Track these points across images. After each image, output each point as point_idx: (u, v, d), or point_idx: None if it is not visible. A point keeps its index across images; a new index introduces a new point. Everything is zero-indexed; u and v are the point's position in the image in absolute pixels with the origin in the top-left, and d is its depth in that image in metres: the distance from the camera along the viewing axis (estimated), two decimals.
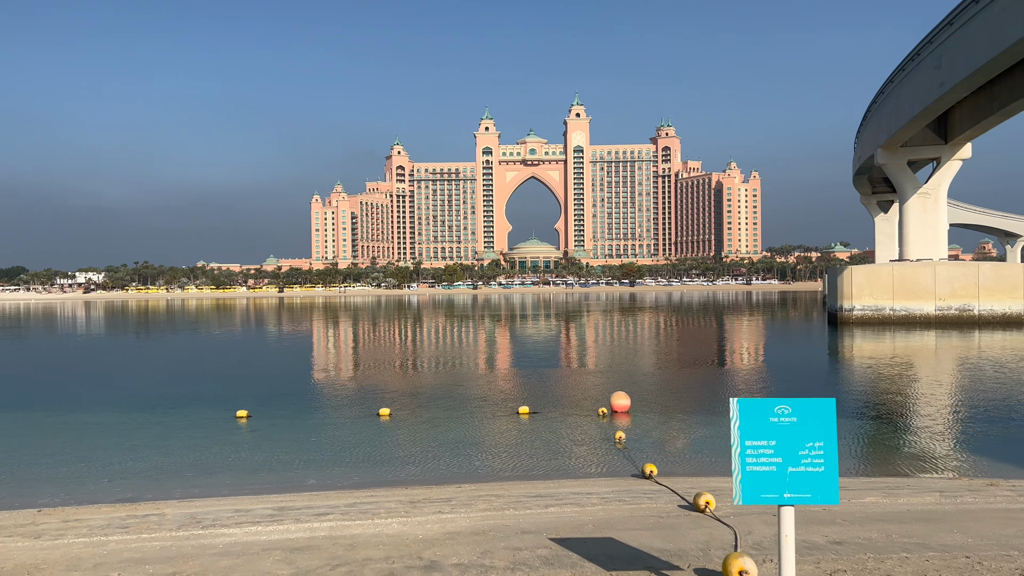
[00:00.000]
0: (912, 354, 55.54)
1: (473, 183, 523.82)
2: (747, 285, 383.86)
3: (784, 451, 8.61)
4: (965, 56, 62.67)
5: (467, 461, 23.52)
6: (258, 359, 61.57)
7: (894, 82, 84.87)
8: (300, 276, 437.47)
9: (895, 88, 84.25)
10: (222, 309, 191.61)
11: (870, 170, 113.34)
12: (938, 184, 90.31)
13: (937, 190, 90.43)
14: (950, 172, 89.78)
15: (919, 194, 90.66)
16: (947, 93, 68.09)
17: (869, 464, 22.71)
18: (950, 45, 66.04)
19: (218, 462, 23.91)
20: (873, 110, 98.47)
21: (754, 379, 42.32)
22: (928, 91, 72.35)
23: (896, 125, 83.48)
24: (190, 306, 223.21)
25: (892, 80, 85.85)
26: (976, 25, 59.89)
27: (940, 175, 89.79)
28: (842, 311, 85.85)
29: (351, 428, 29.13)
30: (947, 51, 66.87)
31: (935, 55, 69.95)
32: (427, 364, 53.67)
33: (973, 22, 60.48)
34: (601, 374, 45.25)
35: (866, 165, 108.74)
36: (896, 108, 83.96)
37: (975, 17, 59.95)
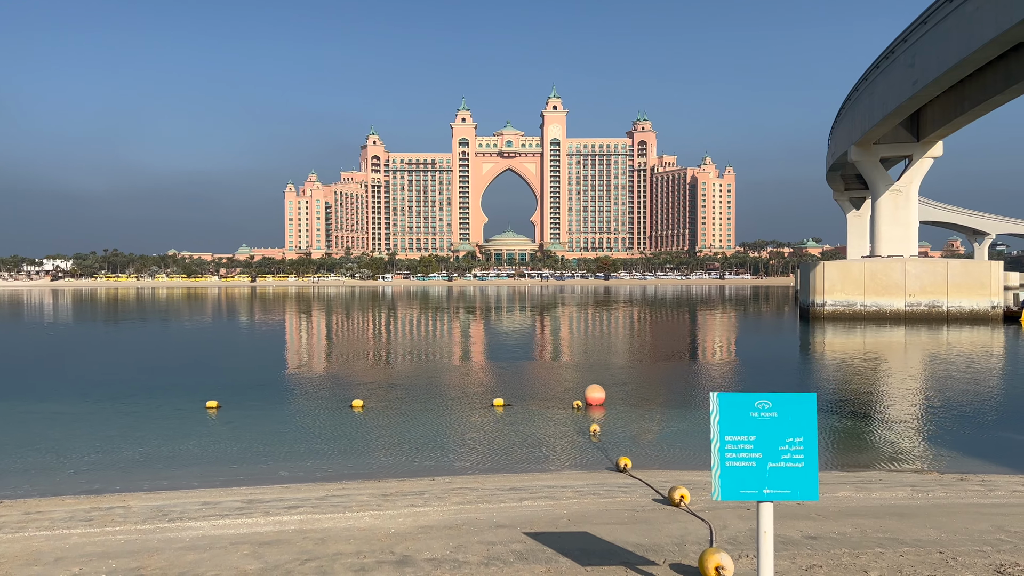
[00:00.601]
0: (882, 349, 56.19)
1: (449, 174, 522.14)
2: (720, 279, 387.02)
3: (764, 446, 8.51)
4: (938, 55, 63.34)
5: (441, 454, 23.32)
6: (229, 349, 60.89)
7: (868, 80, 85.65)
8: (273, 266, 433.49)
9: (869, 86, 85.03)
10: (193, 298, 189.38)
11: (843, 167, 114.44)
12: (910, 181, 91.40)
13: (909, 187, 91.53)
14: (921, 170, 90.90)
15: (891, 191, 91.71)
16: (920, 91, 68.82)
17: (842, 458, 22.85)
18: (924, 44, 66.72)
19: (187, 454, 23.48)
20: (847, 107, 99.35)
21: (728, 373, 42.53)
22: (902, 89, 73.08)
23: (870, 122, 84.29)
24: (160, 295, 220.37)
25: (866, 78, 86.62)
26: (949, 24, 60.53)
27: (912, 172, 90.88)
28: (814, 306, 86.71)
29: (323, 419, 28.80)
30: (921, 50, 67.55)
31: (909, 53, 70.65)
32: (401, 356, 53.36)
33: (946, 21, 61.12)
34: (576, 367, 45.20)
35: (839, 162, 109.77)
36: (870, 105, 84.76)
37: (948, 16, 60.58)
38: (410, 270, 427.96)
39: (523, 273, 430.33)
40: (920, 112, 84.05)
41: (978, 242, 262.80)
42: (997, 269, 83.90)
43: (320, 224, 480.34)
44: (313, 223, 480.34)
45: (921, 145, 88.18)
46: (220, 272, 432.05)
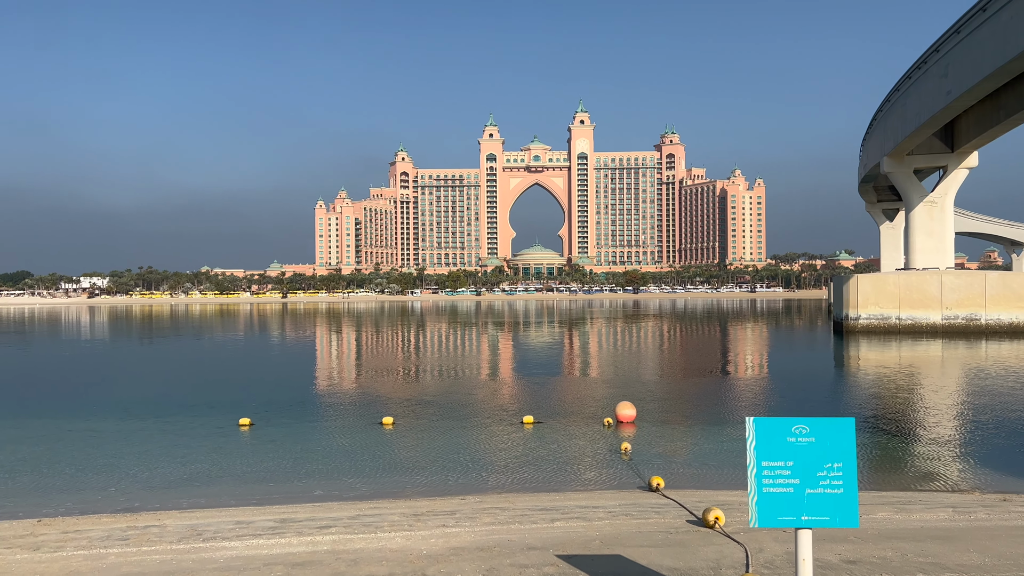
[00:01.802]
0: (919, 364, 55.17)
1: (477, 189, 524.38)
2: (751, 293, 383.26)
3: (802, 472, 8.36)
4: (972, 64, 62.43)
5: (471, 472, 23.25)
6: (261, 366, 61.42)
7: (900, 90, 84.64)
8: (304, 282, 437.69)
9: (901, 96, 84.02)
10: (225, 315, 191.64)
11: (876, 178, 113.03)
12: (944, 193, 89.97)
13: (943, 199, 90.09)
14: (956, 181, 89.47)
15: (925, 203, 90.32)
16: (954, 101, 67.83)
17: (879, 477, 22.40)
18: (957, 53, 65.82)
19: (220, 471, 23.67)
20: (879, 118, 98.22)
21: (761, 390, 42.02)
22: (935, 99, 72.09)
23: (902, 133, 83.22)
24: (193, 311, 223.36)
25: (898, 88, 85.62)
26: (983, 34, 59.67)
27: (946, 184, 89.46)
28: (848, 320, 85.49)
29: (354, 437, 28.89)
30: (954, 59, 66.64)
31: (942, 63, 69.72)
32: (430, 371, 53.42)
33: (980, 30, 60.27)
34: (605, 383, 44.93)
35: (872, 173, 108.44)
36: (902, 116, 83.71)
37: (983, 26, 59.74)
38: (439, 285, 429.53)
39: (551, 287, 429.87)
40: (954, 122, 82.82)
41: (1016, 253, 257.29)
42: None
43: (350, 240, 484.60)
44: (343, 239, 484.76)
45: (956, 155, 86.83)
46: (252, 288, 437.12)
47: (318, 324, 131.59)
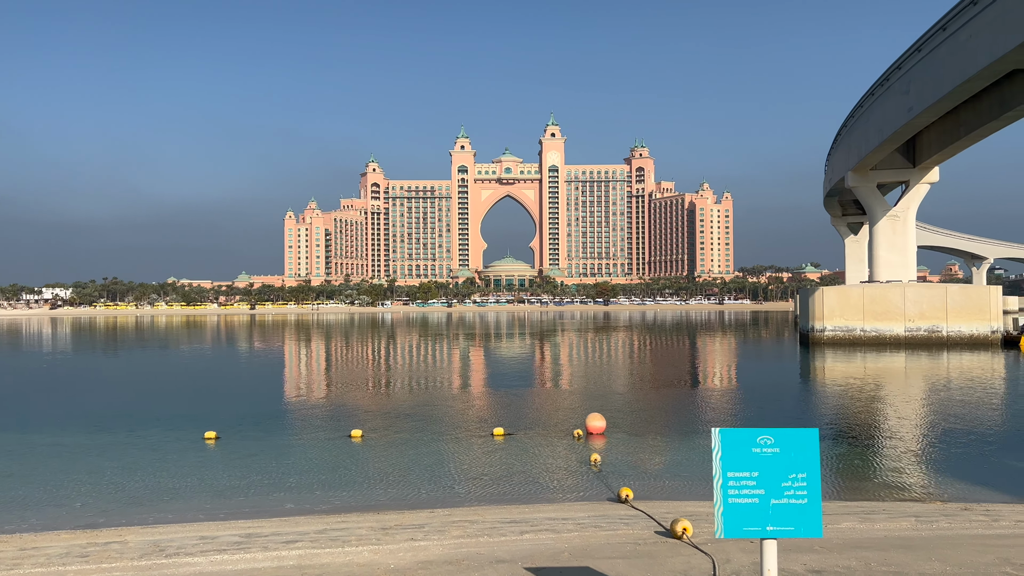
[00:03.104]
0: (883, 375, 56.03)
1: (448, 201, 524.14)
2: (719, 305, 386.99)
3: (767, 483, 8.43)
4: (932, 82, 63.90)
5: (441, 484, 23.13)
6: (228, 378, 60.71)
7: (864, 106, 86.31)
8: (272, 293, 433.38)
9: (865, 112, 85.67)
10: (192, 326, 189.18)
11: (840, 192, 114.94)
12: (907, 207, 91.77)
13: (906, 213, 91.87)
14: (918, 195, 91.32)
15: (888, 216, 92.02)
16: (915, 118, 69.31)
17: (844, 487, 22.67)
18: (918, 71, 67.34)
19: (184, 485, 23.28)
20: (843, 134, 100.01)
21: (729, 401, 42.37)
22: (897, 116, 73.61)
23: (866, 149, 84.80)
24: (159, 323, 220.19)
25: (862, 104, 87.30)
26: (944, 52, 61.13)
27: (909, 198, 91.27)
28: (814, 331, 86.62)
29: (322, 450, 28.60)
30: (915, 77, 68.16)
31: (904, 80, 71.27)
32: (400, 384, 53.19)
33: (941, 49, 61.74)
34: (576, 395, 45.04)
35: (836, 187, 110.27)
36: (866, 132, 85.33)
37: (943, 44, 61.20)
38: (410, 296, 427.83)
39: (522, 299, 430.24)
40: (916, 138, 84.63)
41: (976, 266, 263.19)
42: (996, 293, 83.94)
43: (320, 251, 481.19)
44: (313, 250, 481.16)
45: (918, 171, 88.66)
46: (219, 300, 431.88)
47: (287, 336, 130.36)
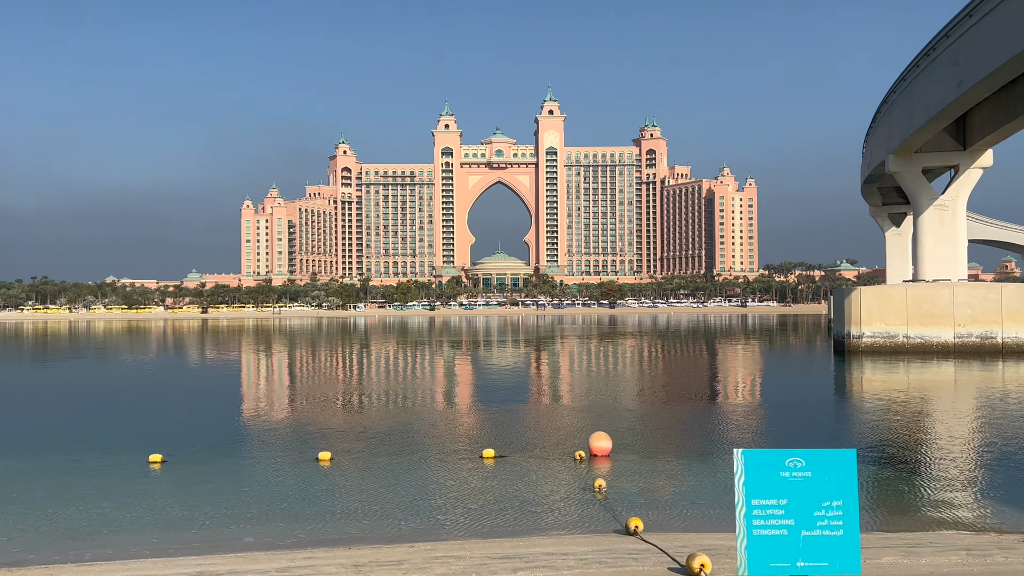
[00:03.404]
0: (929, 388, 56.27)
1: (431, 188, 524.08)
2: (742, 307, 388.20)
3: (797, 512, 8.45)
4: (986, 52, 64.13)
5: (422, 515, 23.11)
6: (176, 393, 60.53)
7: (907, 80, 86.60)
8: (228, 294, 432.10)
9: (908, 87, 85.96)
10: (135, 332, 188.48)
11: (880, 179, 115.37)
12: (956, 195, 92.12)
13: (955, 202, 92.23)
14: (969, 182, 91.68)
15: (935, 206, 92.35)
16: (965, 93, 69.51)
17: (885, 516, 22.75)
18: (969, 39, 67.57)
19: (127, 517, 23.18)
20: (883, 111, 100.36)
21: (752, 419, 42.46)
22: (944, 91, 73.86)
23: (909, 129, 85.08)
24: (97, 328, 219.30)
25: (904, 78, 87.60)
26: (999, 17, 61.34)
27: (958, 185, 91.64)
28: (850, 338, 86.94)
29: (285, 475, 28.54)
30: (966, 46, 68.41)
31: (952, 51, 71.52)
32: (375, 399, 53.15)
33: (995, 14, 61.94)
34: (578, 411, 45.05)
35: (876, 173, 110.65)
36: (909, 110, 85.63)
37: (997, 8, 61.40)
38: (386, 298, 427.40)
39: (516, 301, 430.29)
40: (967, 116, 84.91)
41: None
42: None
43: (282, 246, 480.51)
44: (274, 245, 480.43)
45: (968, 154, 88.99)
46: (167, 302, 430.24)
47: (244, 344, 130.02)
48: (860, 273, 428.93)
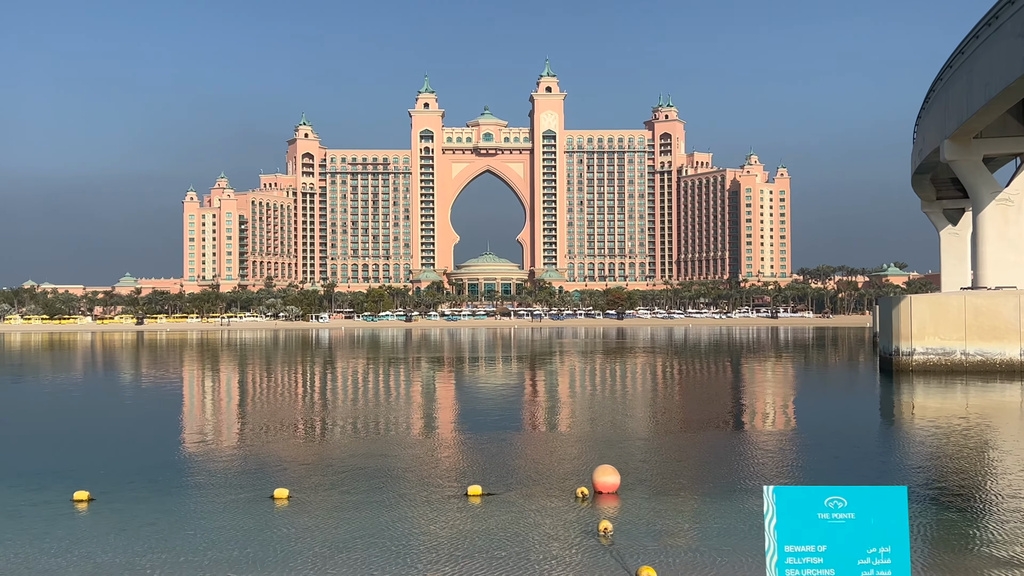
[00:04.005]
0: (992, 414, 56.37)
1: (407, 178, 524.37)
2: (773, 318, 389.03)
3: (838, 560, 8.38)
4: None
5: (396, 562, 23.06)
6: (105, 419, 60.44)
7: (965, 53, 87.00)
8: (167, 302, 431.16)
9: (967, 61, 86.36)
10: (57, 347, 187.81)
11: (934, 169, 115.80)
12: (1022, 188, 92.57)
13: (1021, 196, 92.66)
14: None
15: (998, 201, 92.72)
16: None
17: (941, 565, 22.75)
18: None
19: (43, 565, 23.10)
20: (938, 90, 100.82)
21: (784, 450, 42.48)
22: (1009, 66, 74.21)
23: (968, 110, 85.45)
24: (12, 342, 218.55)
25: (963, 51, 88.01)
26: None
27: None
28: (899, 355, 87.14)
29: (234, 515, 28.46)
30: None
31: (1018, 19, 71.91)
32: (341, 426, 53.10)
33: None
34: (580, 440, 45.09)
35: (929, 162, 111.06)
36: (968, 88, 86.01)
37: None
38: (354, 307, 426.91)
39: (508, 310, 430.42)
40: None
41: None
42: None
43: (232, 246, 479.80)
44: (222, 244, 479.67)
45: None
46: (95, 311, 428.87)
47: (186, 361, 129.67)
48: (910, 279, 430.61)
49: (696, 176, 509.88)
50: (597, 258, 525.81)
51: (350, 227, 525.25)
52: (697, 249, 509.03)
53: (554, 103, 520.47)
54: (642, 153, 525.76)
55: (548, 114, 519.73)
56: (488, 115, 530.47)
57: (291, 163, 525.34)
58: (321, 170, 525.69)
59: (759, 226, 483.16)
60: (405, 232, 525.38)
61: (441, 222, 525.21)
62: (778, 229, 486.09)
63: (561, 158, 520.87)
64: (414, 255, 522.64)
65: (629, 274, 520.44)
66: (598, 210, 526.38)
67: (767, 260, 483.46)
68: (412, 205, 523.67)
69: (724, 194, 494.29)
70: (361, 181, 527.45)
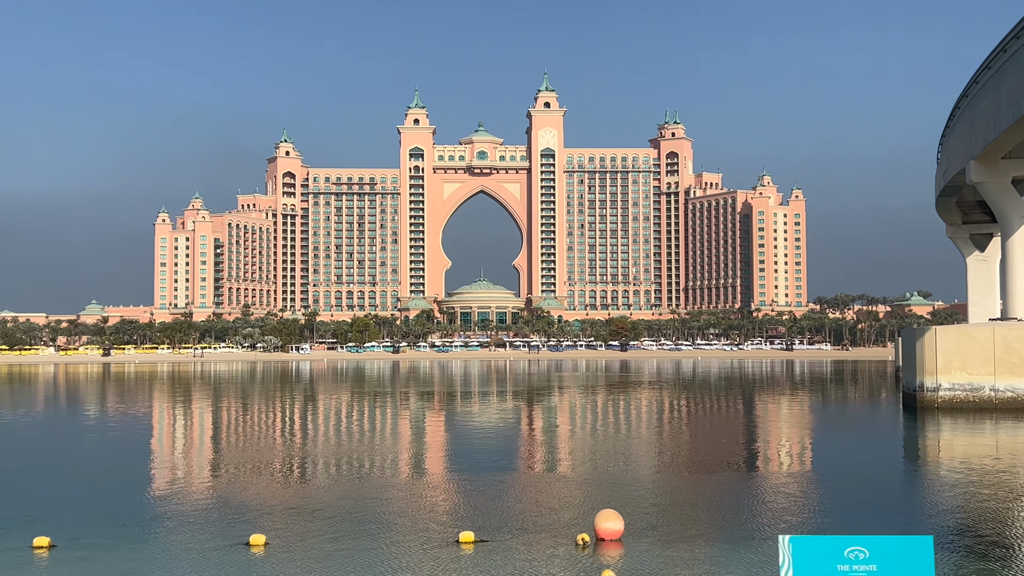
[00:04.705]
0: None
1: (395, 199, 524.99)
2: (788, 351, 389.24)
3: None
4: None
5: None
6: (68, 459, 60.17)
7: (992, 68, 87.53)
8: (137, 332, 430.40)
9: (994, 77, 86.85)
10: (17, 380, 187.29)
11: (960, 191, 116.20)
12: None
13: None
14: None
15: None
16: None
17: None
18: None
19: None
20: (963, 107, 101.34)
21: (800, 495, 42.38)
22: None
23: (996, 129, 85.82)
24: None
25: (989, 66, 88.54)
26: None
27: None
28: (923, 390, 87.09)
29: (207, 564, 28.33)
30: None
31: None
32: (322, 467, 53.03)
33: None
34: (581, 483, 45.04)
35: (954, 184, 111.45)
36: (996, 105, 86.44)
37: None
38: (338, 337, 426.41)
39: (503, 341, 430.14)
40: None
41: None
42: None
43: (206, 271, 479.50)
44: (196, 269, 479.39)
45: None
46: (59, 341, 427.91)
47: (157, 395, 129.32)
48: (935, 309, 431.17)
49: (705, 198, 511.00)
50: (599, 285, 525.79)
51: (334, 251, 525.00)
52: (706, 276, 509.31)
53: (553, 119, 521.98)
54: (647, 173, 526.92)
55: (546, 131, 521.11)
56: (482, 132, 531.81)
57: (271, 183, 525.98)
58: (303, 190, 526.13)
59: (773, 252, 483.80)
60: (393, 257, 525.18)
61: (431, 246, 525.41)
62: (793, 255, 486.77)
63: (560, 178, 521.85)
64: (402, 281, 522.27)
65: (633, 302, 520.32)
66: (600, 234, 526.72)
67: (781, 288, 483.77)
68: (400, 228, 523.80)
69: (735, 217, 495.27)
70: (346, 202, 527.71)
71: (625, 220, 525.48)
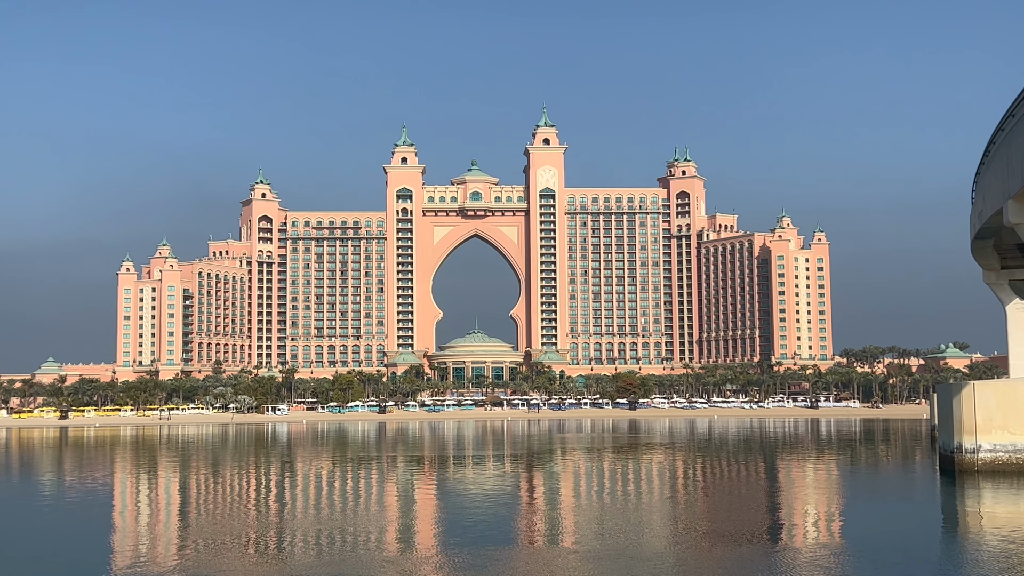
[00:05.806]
0: None
1: (381, 244, 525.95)
2: (812, 408, 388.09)
3: None
4: None
5: None
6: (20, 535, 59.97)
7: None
8: (97, 392, 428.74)
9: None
10: None
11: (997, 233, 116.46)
12: None
13: None
14: None
15: None
16: None
17: None
18: None
19: None
20: (999, 142, 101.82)
21: (830, 567, 42.22)
22: None
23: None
24: None
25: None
26: None
27: None
28: (962, 452, 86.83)
29: None
30: None
31: None
32: (301, 541, 52.81)
33: None
34: (586, 557, 44.88)
35: (991, 226, 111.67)
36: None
37: None
38: (318, 397, 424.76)
39: (500, 399, 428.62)
40: None
41: None
42: None
43: (174, 324, 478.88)
44: (163, 323, 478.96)
45: None
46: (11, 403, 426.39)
47: (119, 463, 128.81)
48: (973, 362, 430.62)
49: (719, 241, 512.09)
50: (604, 337, 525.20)
51: (314, 302, 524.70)
52: (722, 327, 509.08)
53: (553, 157, 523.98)
54: (656, 215, 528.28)
55: (546, 169, 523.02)
56: (476, 171, 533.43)
57: (245, 228, 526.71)
58: (280, 236, 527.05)
59: (794, 300, 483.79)
60: (379, 308, 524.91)
61: (421, 295, 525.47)
62: (816, 303, 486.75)
63: (561, 220, 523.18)
64: (389, 335, 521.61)
65: (642, 356, 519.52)
66: (605, 281, 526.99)
67: (804, 340, 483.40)
68: (387, 276, 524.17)
69: (752, 262, 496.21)
70: (327, 248, 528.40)
71: (632, 266, 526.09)
